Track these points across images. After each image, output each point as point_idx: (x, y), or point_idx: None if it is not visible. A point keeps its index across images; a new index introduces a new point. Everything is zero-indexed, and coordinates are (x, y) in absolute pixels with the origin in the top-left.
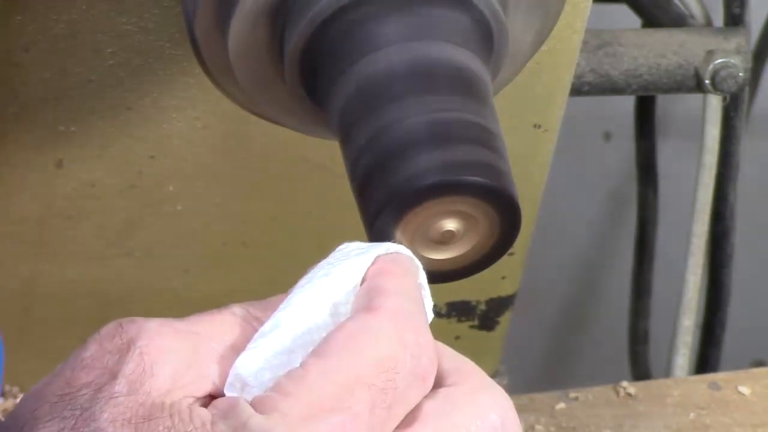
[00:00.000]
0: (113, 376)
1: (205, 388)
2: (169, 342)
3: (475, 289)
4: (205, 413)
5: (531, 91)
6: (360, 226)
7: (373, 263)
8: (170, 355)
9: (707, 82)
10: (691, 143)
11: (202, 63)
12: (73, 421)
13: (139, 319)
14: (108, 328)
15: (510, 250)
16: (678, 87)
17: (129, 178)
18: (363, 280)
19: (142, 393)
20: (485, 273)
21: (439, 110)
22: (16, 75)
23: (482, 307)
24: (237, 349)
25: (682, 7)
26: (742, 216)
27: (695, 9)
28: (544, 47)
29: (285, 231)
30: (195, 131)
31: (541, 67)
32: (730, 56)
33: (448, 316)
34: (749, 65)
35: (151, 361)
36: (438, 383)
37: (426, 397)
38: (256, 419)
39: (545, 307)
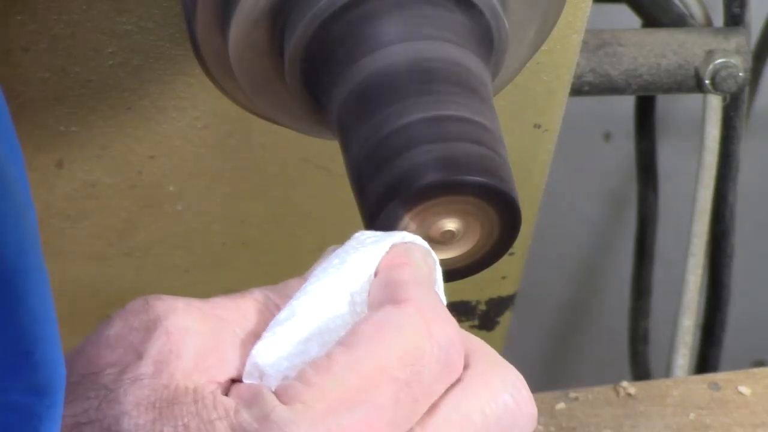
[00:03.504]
0: (139, 356)
1: (227, 373)
2: (194, 323)
3: (475, 289)
4: (228, 401)
5: (531, 91)
6: (360, 225)
7: (388, 252)
8: (195, 337)
9: (707, 82)
10: (691, 143)
11: (202, 63)
12: (98, 402)
13: (166, 297)
14: (134, 304)
15: (510, 250)
16: (678, 87)
17: (129, 178)
18: (378, 270)
19: (166, 374)
20: (485, 273)
21: (439, 110)
22: (16, 75)
23: (482, 307)
24: (257, 334)
25: (682, 7)
26: (742, 216)
27: (695, 9)
28: (544, 47)
29: (285, 231)
30: (195, 131)
31: (541, 67)
32: (730, 56)
33: None
34: (749, 65)
35: (177, 341)
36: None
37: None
38: (279, 410)
39: (545, 307)
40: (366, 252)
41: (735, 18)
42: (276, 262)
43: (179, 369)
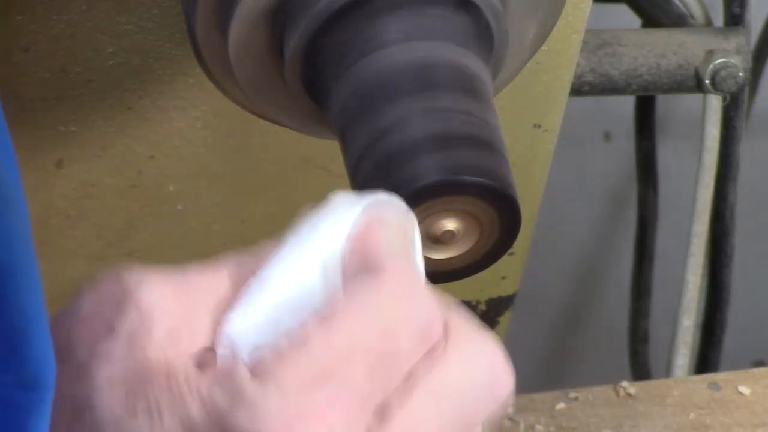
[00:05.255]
0: (110, 330)
1: (200, 343)
2: (165, 295)
3: (475, 289)
4: (200, 378)
5: (531, 91)
6: None
7: (362, 215)
8: (167, 309)
9: (707, 82)
10: (691, 143)
11: (202, 63)
12: (68, 377)
13: (137, 269)
14: (106, 277)
15: (510, 250)
16: (678, 87)
17: (129, 178)
18: (351, 235)
19: (138, 349)
20: (485, 273)
21: (439, 110)
22: (16, 75)
23: (482, 307)
24: (230, 302)
25: (682, 7)
26: (742, 216)
27: (695, 9)
28: (544, 47)
29: (285, 231)
30: (195, 131)
31: (541, 67)
32: (730, 56)
33: None
34: (749, 65)
35: (148, 315)
36: None
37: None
38: (252, 387)
39: (545, 307)
40: (339, 216)
41: (735, 18)
42: None
43: (151, 343)
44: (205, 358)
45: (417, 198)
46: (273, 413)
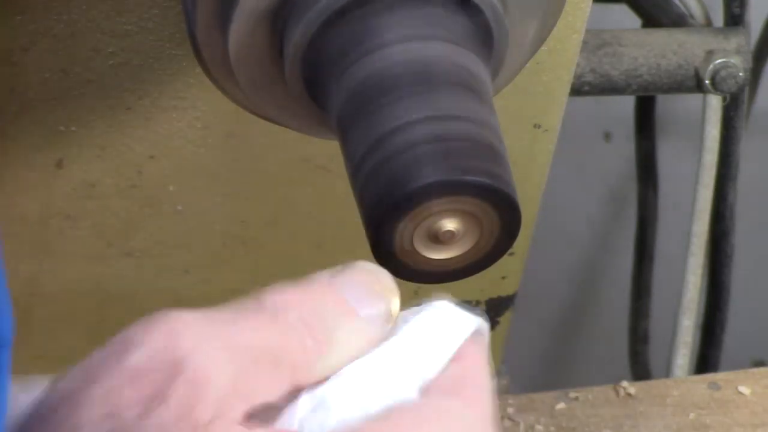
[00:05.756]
0: (163, 399)
1: (253, 403)
2: (220, 362)
3: (475, 289)
4: None
5: (531, 91)
6: (360, 225)
7: (469, 342)
8: (220, 378)
9: (707, 82)
10: (691, 143)
11: (202, 63)
12: (113, 429)
13: (192, 327)
14: (159, 337)
15: (510, 250)
16: (678, 87)
17: (129, 178)
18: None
19: (190, 420)
20: (485, 273)
21: (438, 110)
22: (16, 75)
23: (482, 307)
24: (282, 359)
25: (682, 7)
26: (742, 216)
27: (695, 9)
28: (544, 47)
29: (285, 231)
30: (195, 131)
31: (541, 67)
32: (730, 56)
33: None
34: (749, 65)
35: (202, 385)
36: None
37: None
38: None
39: (545, 307)
40: (447, 335)
41: (735, 18)
42: (276, 262)
43: (202, 415)
44: (260, 414)
45: (417, 198)
46: None
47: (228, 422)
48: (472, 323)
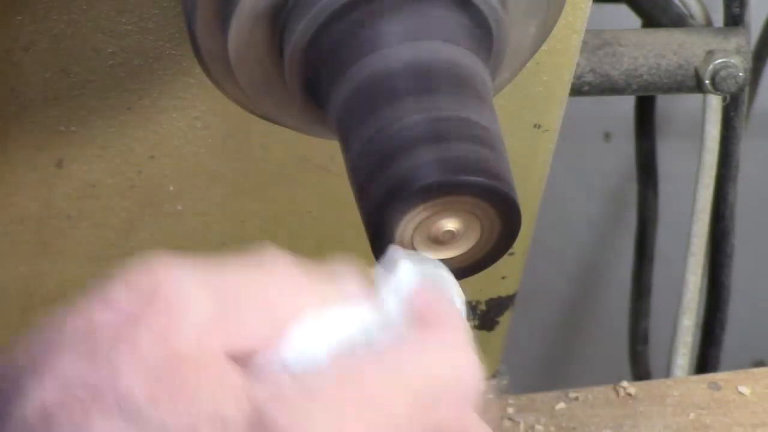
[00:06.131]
0: (137, 322)
1: (230, 345)
2: (198, 292)
3: (475, 289)
4: (236, 373)
5: (531, 91)
6: (360, 226)
7: (422, 280)
8: (198, 307)
9: (707, 82)
10: (691, 143)
11: (202, 63)
12: (92, 363)
13: (170, 263)
14: (138, 269)
15: (510, 250)
16: (678, 87)
17: (129, 178)
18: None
19: (166, 343)
20: (485, 273)
21: (438, 110)
22: (16, 75)
23: (482, 307)
24: (264, 303)
25: (682, 7)
26: (742, 216)
27: (695, 9)
28: (544, 47)
29: (285, 231)
30: (195, 131)
31: (541, 67)
32: (730, 56)
33: None
34: (749, 65)
35: (179, 312)
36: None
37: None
38: (294, 390)
39: (545, 307)
40: (401, 278)
41: (735, 18)
42: None
43: (180, 338)
44: (240, 359)
45: (417, 198)
46: (314, 418)
47: (205, 354)
48: (421, 266)
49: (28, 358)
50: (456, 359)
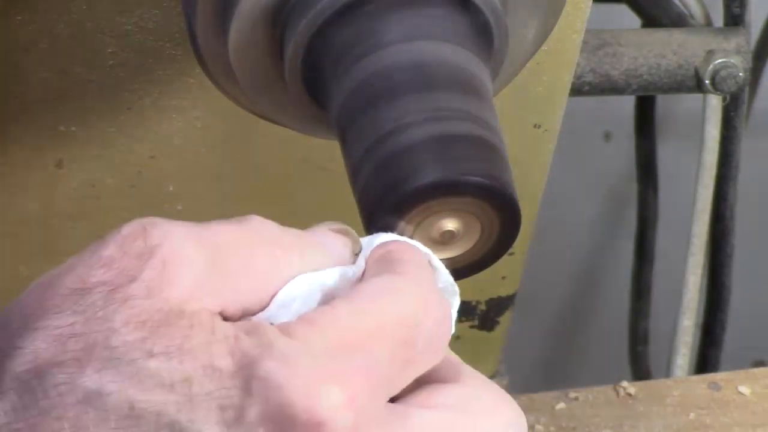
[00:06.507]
0: (131, 278)
1: (222, 304)
2: (191, 251)
3: (475, 289)
4: (227, 326)
5: (531, 91)
6: (360, 226)
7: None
8: (191, 266)
9: (707, 82)
10: (691, 143)
11: (202, 63)
12: (85, 318)
13: (163, 224)
14: (131, 229)
15: (510, 250)
16: (678, 87)
17: (129, 178)
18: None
19: (159, 299)
20: (485, 273)
21: (438, 110)
22: (16, 75)
23: (482, 307)
24: (255, 265)
25: (682, 7)
26: (742, 216)
27: (695, 9)
28: (544, 47)
29: None
30: (195, 131)
31: (541, 67)
32: (730, 56)
33: None
34: (749, 65)
35: (172, 270)
36: (442, 376)
37: (442, 387)
38: (282, 341)
39: (545, 307)
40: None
41: (735, 18)
42: None
43: (173, 296)
44: (230, 318)
45: (417, 198)
46: (302, 368)
47: (198, 308)
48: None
49: (22, 316)
50: (426, 299)
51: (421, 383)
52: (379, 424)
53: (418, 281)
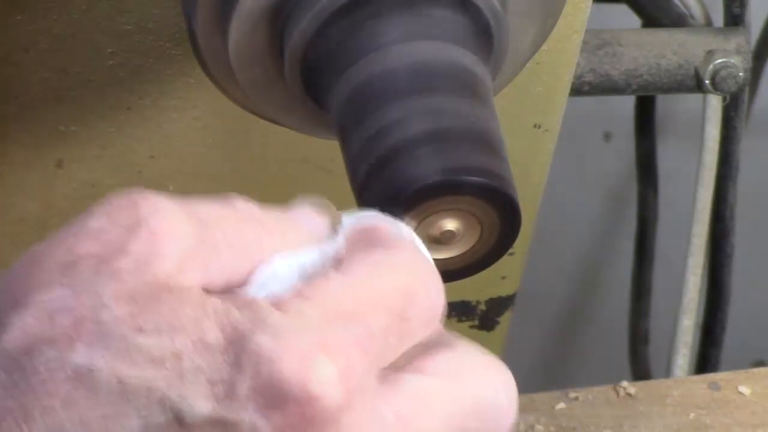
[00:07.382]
0: (120, 250)
1: (210, 279)
2: (180, 224)
3: (475, 289)
4: (217, 301)
5: (531, 91)
6: None
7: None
8: (180, 239)
9: (707, 82)
10: (691, 143)
11: (202, 63)
12: (73, 291)
13: (152, 196)
14: (119, 200)
15: (510, 250)
16: (678, 87)
17: (129, 178)
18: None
19: (148, 273)
20: (485, 273)
21: (438, 110)
22: (16, 75)
23: (482, 307)
24: (242, 242)
25: (682, 7)
26: (742, 216)
27: (695, 9)
28: (544, 47)
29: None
30: (195, 131)
31: (541, 67)
32: (730, 56)
33: (448, 316)
34: (749, 65)
35: (161, 242)
36: (433, 342)
37: (434, 353)
38: (274, 314)
39: (545, 307)
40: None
41: (735, 18)
42: None
43: (162, 269)
44: (213, 291)
45: (417, 198)
46: (294, 342)
47: (187, 281)
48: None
49: (10, 291)
50: (421, 271)
51: (411, 351)
52: (372, 395)
53: (411, 253)
